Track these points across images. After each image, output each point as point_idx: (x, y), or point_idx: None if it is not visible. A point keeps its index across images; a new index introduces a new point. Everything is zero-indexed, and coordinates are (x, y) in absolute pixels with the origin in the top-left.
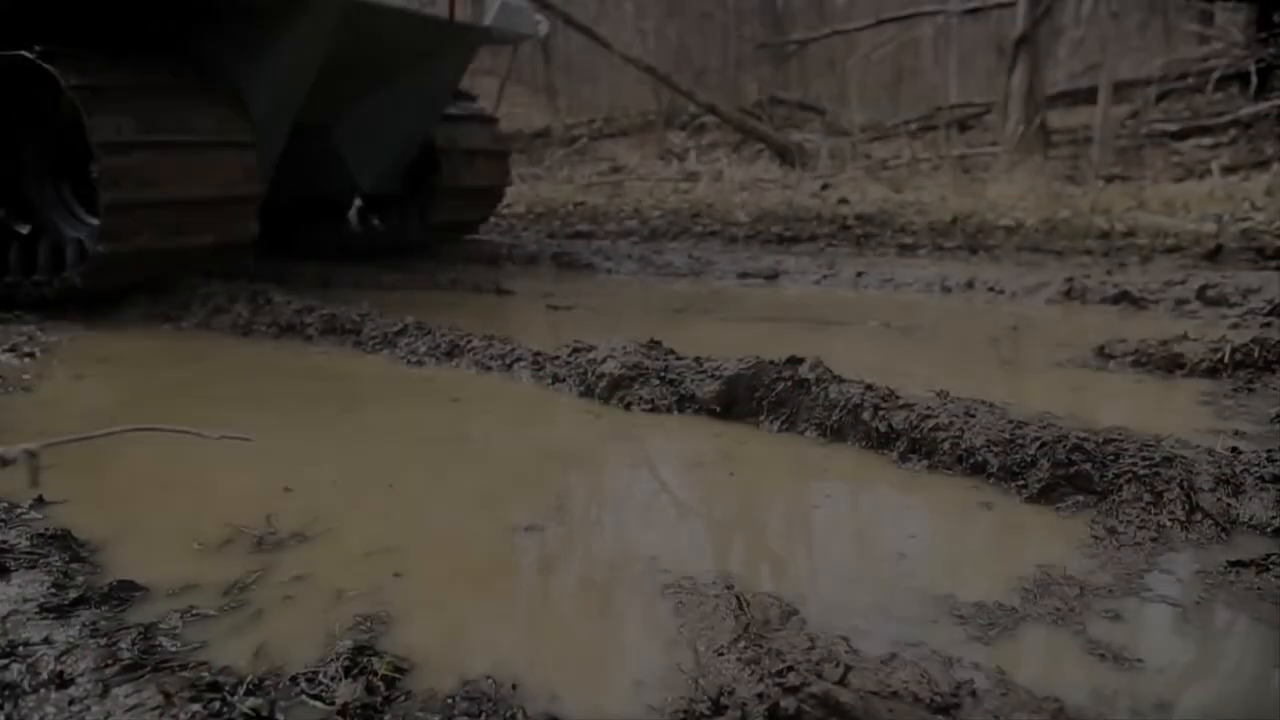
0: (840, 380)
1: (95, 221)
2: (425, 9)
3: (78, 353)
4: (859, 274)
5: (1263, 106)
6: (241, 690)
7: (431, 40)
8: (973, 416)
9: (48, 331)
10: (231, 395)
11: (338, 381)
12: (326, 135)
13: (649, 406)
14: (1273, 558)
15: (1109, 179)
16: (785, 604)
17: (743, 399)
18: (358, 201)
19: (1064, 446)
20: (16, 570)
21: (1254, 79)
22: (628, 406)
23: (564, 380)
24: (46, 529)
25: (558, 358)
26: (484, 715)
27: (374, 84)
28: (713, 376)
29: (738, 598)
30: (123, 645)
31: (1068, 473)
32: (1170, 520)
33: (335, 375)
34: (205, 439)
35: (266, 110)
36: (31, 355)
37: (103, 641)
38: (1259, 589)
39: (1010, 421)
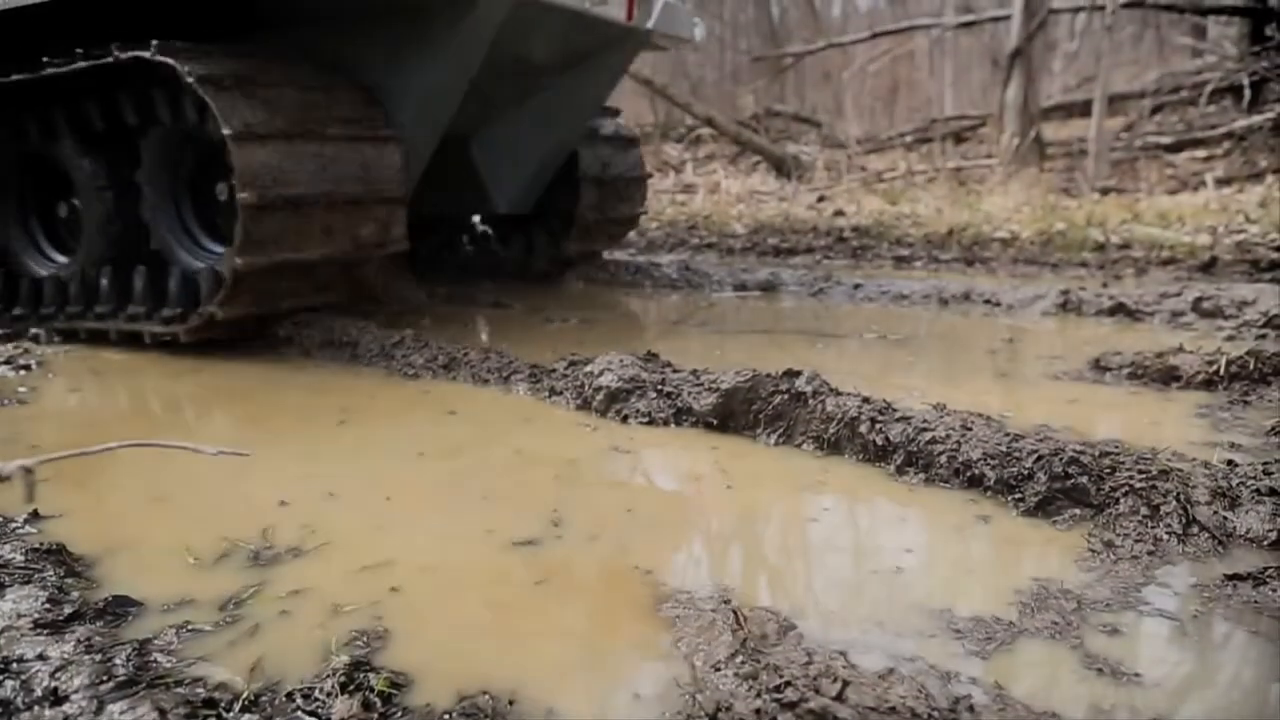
0: (837, 393)
1: (221, 249)
2: (600, 9)
3: (73, 365)
4: (855, 286)
5: (1256, 119)
6: (237, 707)
7: (596, 44)
8: (969, 429)
9: (43, 344)
10: (228, 408)
11: (334, 395)
12: (464, 149)
13: (646, 419)
14: (1269, 571)
15: (1104, 191)
16: (783, 619)
17: (740, 412)
18: (475, 219)
19: (1061, 459)
20: (11, 585)
21: (1247, 92)
22: (625, 419)
23: (561, 393)
24: (41, 544)
25: (554, 370)
26: None
27: (524, 93)
28: (710, 389)
29: (735, 612)
30: (118, 661)
31: (1064, 486)
32: (1167, 533)
33: (332, 388)
34: (202, 453)
35: (416, 120)
36: (27, 368)
37: (98, 657)
38: (1256, 602)
39: (1007, 434)
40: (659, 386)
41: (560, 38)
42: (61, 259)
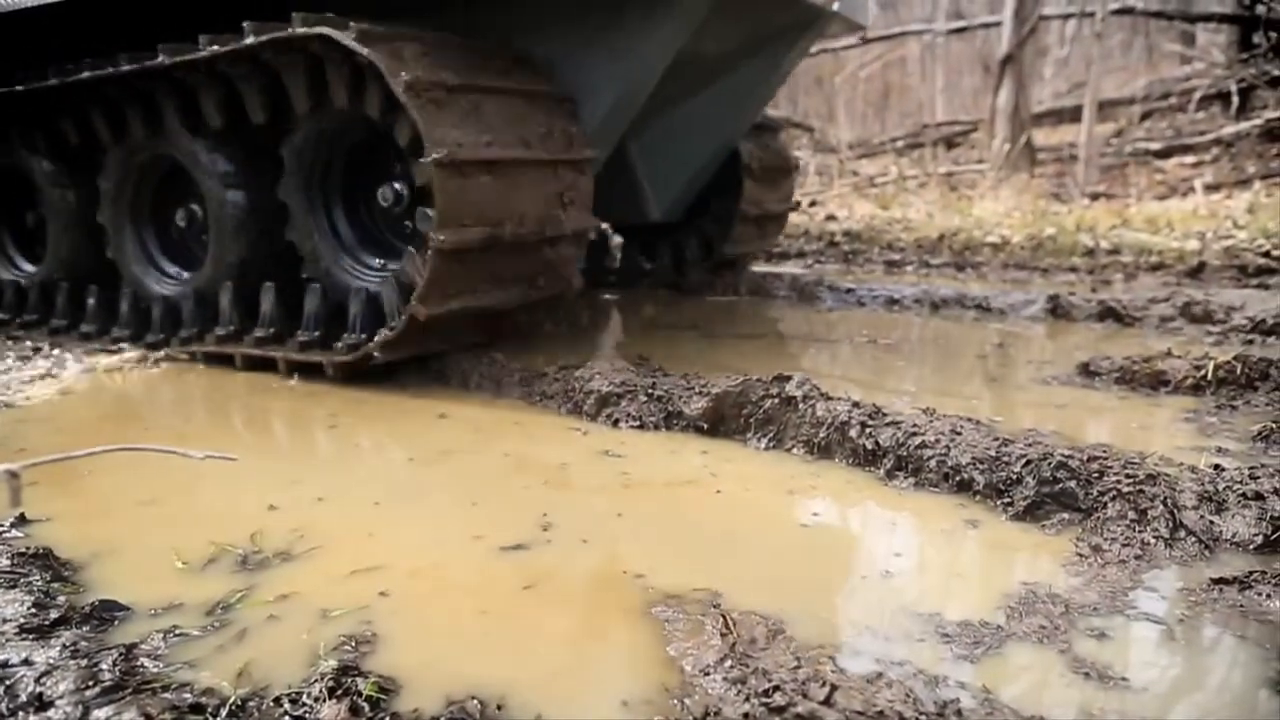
0: (827, 397)
1: (391, 266)
2: None
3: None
4: (847, 290)
5: (1244, 126)
6: (224, 712)
7: (778, 32)
8: (959, 434)
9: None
10: (216, 413)
11: (324, 399)
12: (622, 151)
13: (636, 423)
14: (1255, 575)
15: (1094, 197)
16: (772, 622)
17: (730, 416)
18: (604, 228)
19: (1049, 464)
20: None
21: (1235, 99)
22: (615, 423)
23: (552, 397)
24: (28, 548)
25: (545, 375)
26: None
27: (691, 88)
28: (700, 393)
29: (724, 616)
30: (104, 666)
31: (1053, 490)
32: (1154, 538)
33: (322, 392)
34: (190, 458)
35: (603, 121)
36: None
37: (83, 663)
38: (1242, 606)
39: (996, 439)
40: (649, 390)
41: (747, 25)
42: (185, 273)
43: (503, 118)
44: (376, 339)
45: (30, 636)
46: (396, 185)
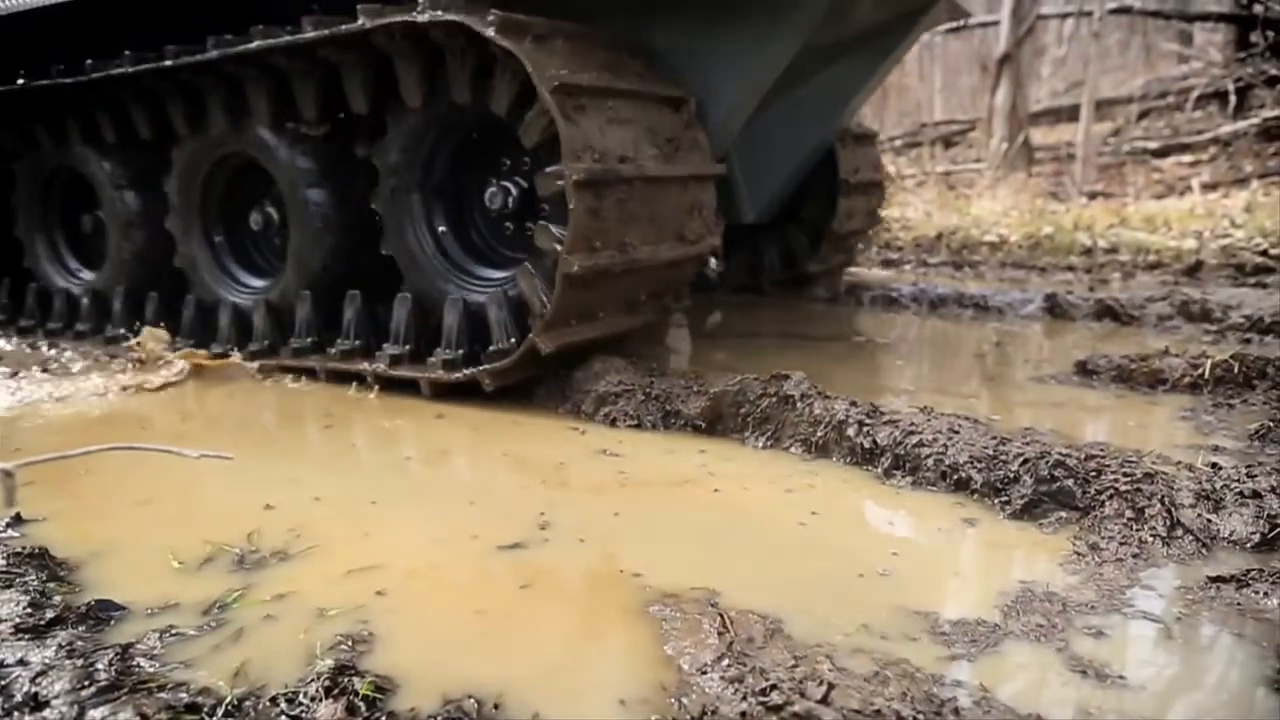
0: (825, 396)
1: (496, 275)
2: None
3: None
4: (846, 289)
5: (1241, 125)
6: (220, 712)
7: (888, 22)
8: (956, 432)
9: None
10: (211, 413)
11: (320, 398)
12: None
13: (634, 422)
14: (1252, 573)
15: (1091, 196)
16: (769, 621)
17: (728, 415)
18: None
19: (1046, 463)
20: None
21: (1233, 98)
22: (613, 423)
23: (550, 397)
24: (24, 547)
25: (543, 375)
26: None
27: (801, 81)
28: (698, 392)
29: (722, 615)
30: (100, 666)
31: (1050, 489)
32: (1152, 536)
33: (318, 392)
34: (185, 457)
35: (722, 118)
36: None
37: (79, 662)
38: (1239, 604)
39: (993, 437)
40: (647, 390)
41: (866, 13)
42: (259, 283)
43: (609, 60)
44: (533, 329)
45: (26, 636)
46: (505, 183)
